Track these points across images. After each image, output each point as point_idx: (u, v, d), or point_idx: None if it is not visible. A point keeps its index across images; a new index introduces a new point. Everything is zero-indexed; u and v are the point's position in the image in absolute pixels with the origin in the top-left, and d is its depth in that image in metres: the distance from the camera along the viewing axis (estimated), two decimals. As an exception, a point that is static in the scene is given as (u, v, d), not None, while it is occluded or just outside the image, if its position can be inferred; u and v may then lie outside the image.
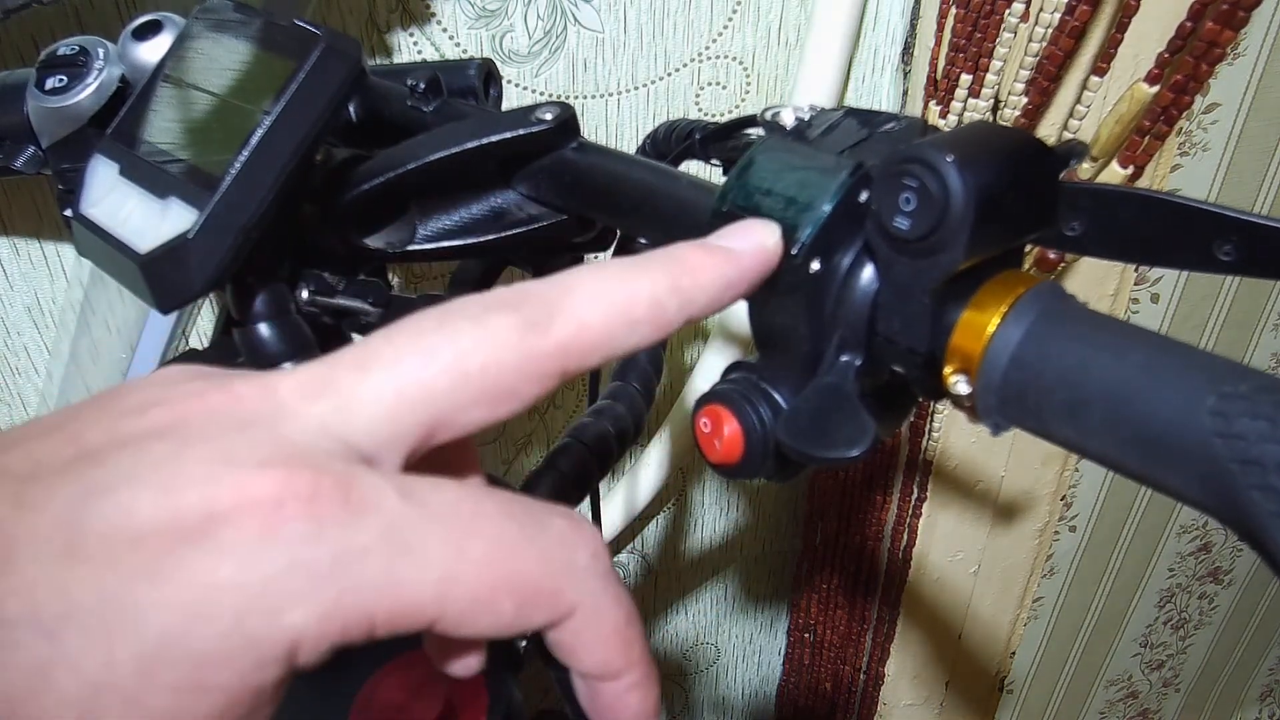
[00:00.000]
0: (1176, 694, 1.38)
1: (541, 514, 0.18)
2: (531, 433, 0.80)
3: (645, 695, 0.19)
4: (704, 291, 0.21)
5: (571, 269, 0.21)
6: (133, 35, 0.36)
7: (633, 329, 0.20)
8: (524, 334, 0.19)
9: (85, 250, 0.32)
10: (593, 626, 0.18)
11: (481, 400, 0.18)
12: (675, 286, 0.21)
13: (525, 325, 0.19)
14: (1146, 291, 0.91)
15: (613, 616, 0.18)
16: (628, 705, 0.19)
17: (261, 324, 0.33)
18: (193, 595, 0.14)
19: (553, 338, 0.19)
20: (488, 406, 0.19)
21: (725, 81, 0.69)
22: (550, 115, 0.30)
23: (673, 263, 0.21)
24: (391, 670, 0.38)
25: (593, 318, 0.20)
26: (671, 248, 0.22)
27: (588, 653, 0.19)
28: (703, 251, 0.22)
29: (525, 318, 0.19)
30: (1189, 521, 1.14)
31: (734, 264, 0.22)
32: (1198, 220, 0.23)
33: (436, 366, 0.18)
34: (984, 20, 0.61)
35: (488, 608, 0.17)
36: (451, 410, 0.18)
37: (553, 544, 0.18)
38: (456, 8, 0.60)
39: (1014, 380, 0.20)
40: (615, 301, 0.20)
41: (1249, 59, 0.78)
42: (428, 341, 0.18)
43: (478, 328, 0.19)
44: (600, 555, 0.19)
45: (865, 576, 0.91)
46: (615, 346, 0.20)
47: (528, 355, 0.19)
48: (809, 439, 0.23)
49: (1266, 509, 0.16)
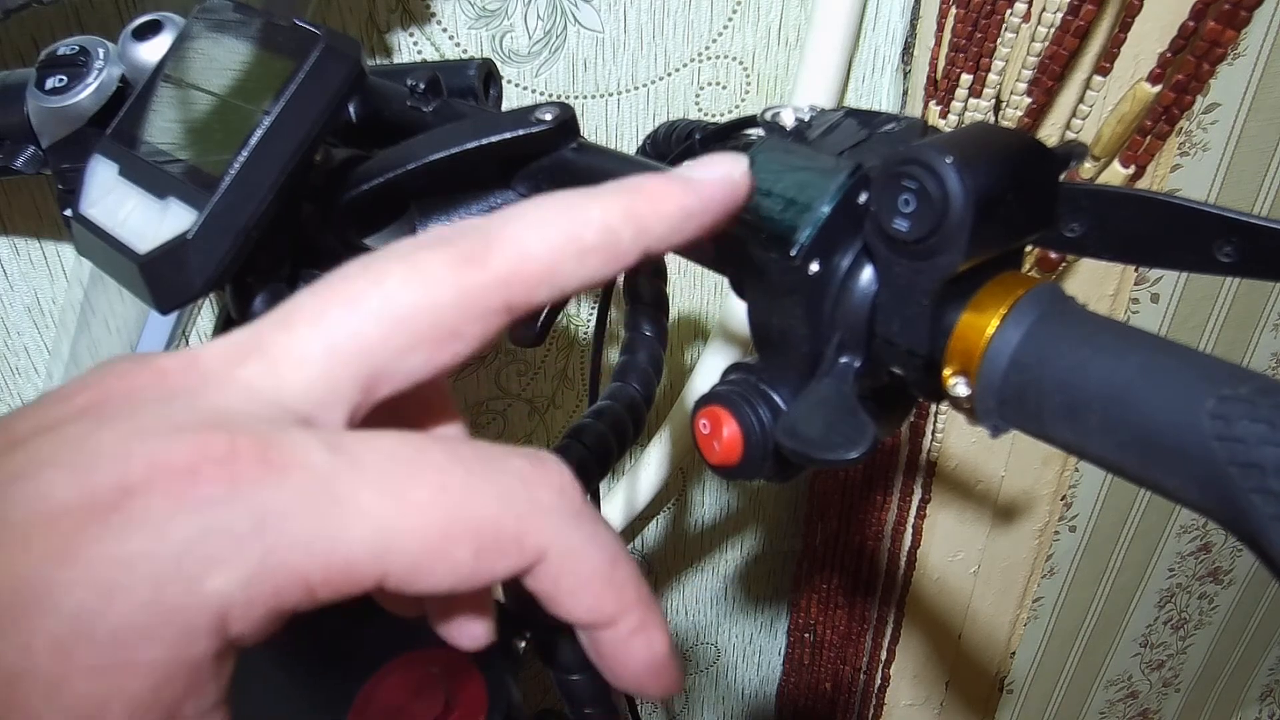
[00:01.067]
0: (1176, 694, 1.38)
1: (498, 455, 0.17)
2: (531, 433, 0.80)
3: (650, 640, 0.18)
4: (662, 219, 0.20)
5: None
6: (133, 35, 0.36)
7: (582, 259, 0.19)
8: (458, 268, 0.18)
9: (85, 250, 0.32)
10: (571, 569, 0.17)
11: (420, 344, 0.17)
12: (630, 213, 0.19)
13: (460, 259, 0.18)
14: (1146, 291, 0.91)
15: (591, 557, 0.17)
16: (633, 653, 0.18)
17: (261, 324, 0.33)
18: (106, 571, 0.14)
19: (491, 269, 0.18)
20: (428, 350, 0.18)
21: (725, 81, 0.69)
22: (550, 115, 0.30)
23: (627, 189, 0.20)
24: (391, 670, 0.38)
25: (536, 247, 0.18)
26: (629, 177, 0.20)
27: (572, 599, 0.17)
28: (662, 178, 0.20)
29: (460, 251, 0.18)
30: (1189, 522, 1.14)
31: (695, 192, 0.20)
32: (1198, 221, 0.23)
33: (364, 313, 0.17)
34: (984, 20, 0.61)
35: (441, 557, 0.16)
36: (388, 358, 0.17)
37: (511, 482, 0.17)
38: (456, 8, 0.60)
39: (1013, 382, 0.20)
40: (561, 228, 0.18)
41: (1249, 59, 0.78)
42: (354, 288, 0.17)
43: (407, 267, 0.18)
44: (568, 492, 0.17)
45: (865, 576, 0.91)
46: (564, 278, 0.19)
47: (465, 290, 0.18)
48: (808, 440, 0.23)
49: (1266, 512, 0.16)
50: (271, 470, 0.15)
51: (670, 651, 0.18)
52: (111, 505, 0.14)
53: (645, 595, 0.18)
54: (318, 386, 0.17)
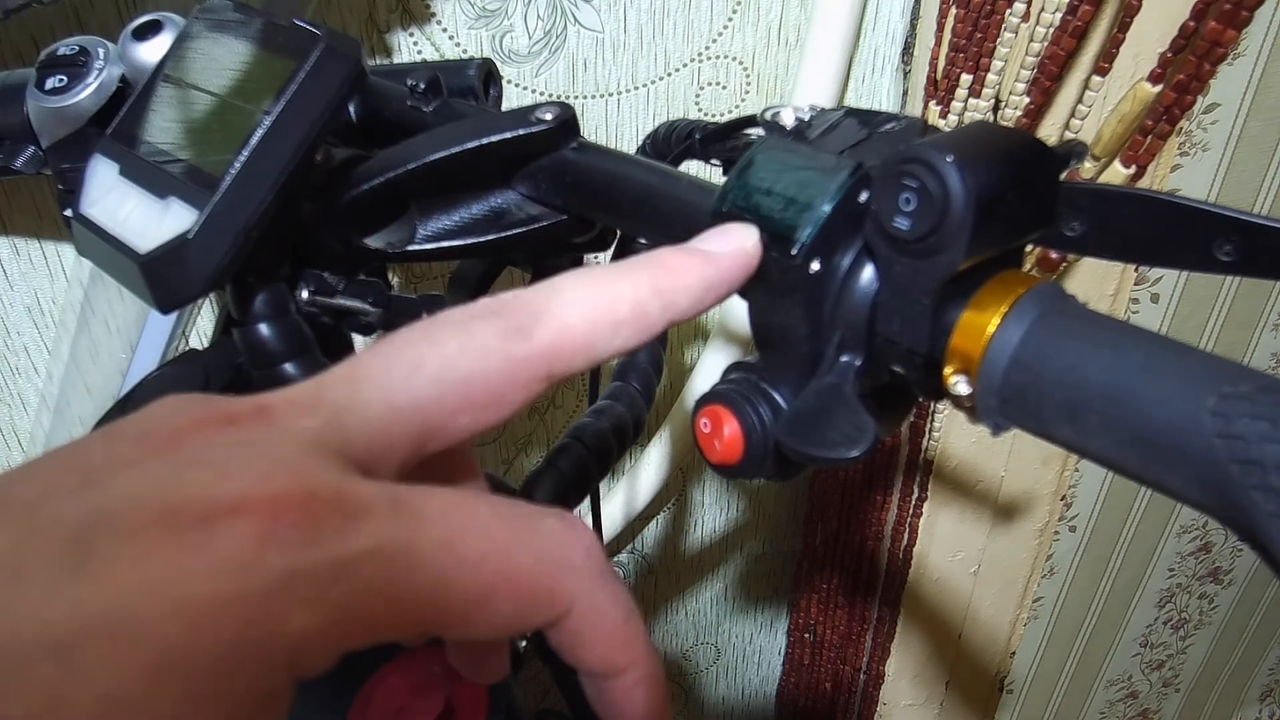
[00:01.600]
0: (1176, 694, 1.38)
1: (535, 515, 0.19)
2: (531, 433, 0.80)
3: (651, 691, 0.20)
4: (686, 293, 0.22)
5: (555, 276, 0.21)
6: (133, 35, 0.36)
7: (616, 331, 0.21)
8: (508, 340, 0.19)
9: (85, 250, 0.32)
10: (591, 624, 0.18)
11: (469, 407, 0.19)
12: (657, 288, 0.21)
13: (509, 331, 0.19)
14: (1146, 291, 0.91)
15: (610, 613, 0.19)
16: (635, 702, 0.19)
17: (261, 324, 0.33)
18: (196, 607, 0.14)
19: (536, 342, 0.20)
20: (476, 413, 0.19)
21: (725, 81, 0.69)
22: (550, 115, 0.30)
23: (653, 265, 0.22)
24: (391, 670, 0.38)
25: (575, 321, 0.20)
26: (652, 252, 0.22)
27: (589, 650, 0.19)
28: (683, 254, 0.22)
29: (509, 324, 0.20)
30: (1189, 521, 1.14)
31: (714, 265, 0.22)
32: (1198, 220, 0.23)
33: (424, 376, 0.19)
34: (984, 20, 0.61)
35: (485, 608, 0.17)
36: (440, 418, 0.19)
37: (546, 544, 0.18)
38: (456, 8, 0.60)
39: (1014, 381, 0.20)
40: (598, 305, 0.20)
41: (1249, 59, 0.78)
42: (415, 352, 0.19)
43: (462, 336, 0.19)
44: (594, 553, 0.19)
45: (865, 576, 0.91)
46: (599, 349, 0.21)
47: (512, 361, 0.19)
48: (809, 439, 0.23)
49: (1266, 509, 0.16)
50: (347, 517, 0.16)
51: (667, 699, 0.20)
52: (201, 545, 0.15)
53: (651, 649, 0.20)
54: (376, 441, 0.18)
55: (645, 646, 0.19)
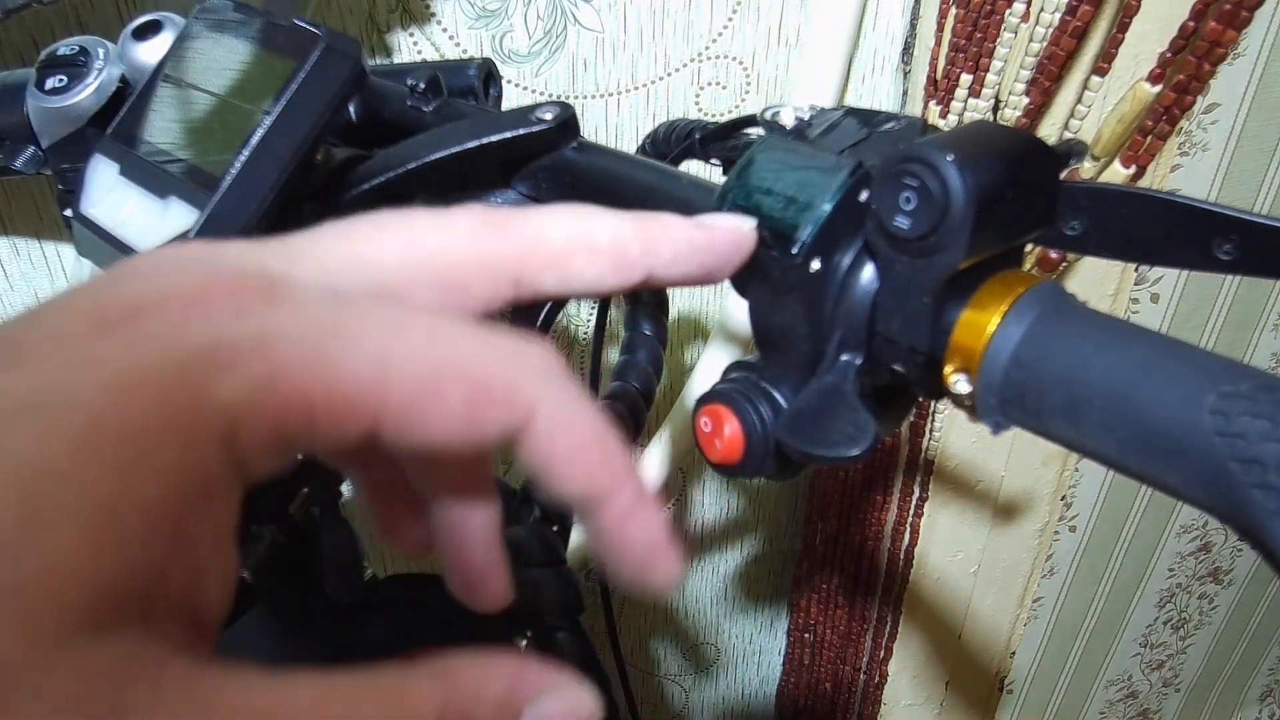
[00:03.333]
0: (1176, 694, 1.38)
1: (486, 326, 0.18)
2: (531, 433, 0.80)
3: (647, 518, 0.18)
4: (669, 245, 0.22)
5: None
6: (133, 35, 0.36)
7: (591, 257, 0.21)
8: (480, 230, 0.20)
9: (85, 250, 0.32)
10: (562, 432, 0.17)
11: (429, 283, 0.19)
12: (641, 231, 0.21)
13: (483, 224, 0.20)
14: (1146, 291, 0.91)
15: (581, 421, 0.18)
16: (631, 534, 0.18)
17: (262, 324, 0.33)
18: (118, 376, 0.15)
19: (509, 239, 0.20)
20: (437, 291, 0.19)
21: (725, 81, 0.69)
22: (550, 115, 0.30)
23: (643, 214, 0.22)
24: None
25: (552, 233, 0.20)
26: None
27: (568, 465, 0.17)
28: (675, 215, 0.23)
29: (484, 218, 0.20)
30: (1189, 521, 1.14)
31: (704, 231, 0.22)
32: (1198, 220, 0.23)
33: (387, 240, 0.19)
34: (984, 20, 0.61)
35: (435, 397, 0.16)
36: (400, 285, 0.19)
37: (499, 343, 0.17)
38: (456, 8, 0.60)
39: (1014, 379, 0.20)
40: (578, 226, 0.21)
41: (1249, 59, 0.78)
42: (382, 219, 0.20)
43: (435, 217, 0.20)
44: (553, 363, 0.18)
45: (865, 576, 0.91)
46: (574, 271, 0.21)
47: (481, 249, 0.20)
48: (809, 438, 0.23)
49: (1267, 507, 0.16)
50: (279, 300, 0.17)
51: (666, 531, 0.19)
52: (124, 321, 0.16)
53: (636, 470, 0.19)
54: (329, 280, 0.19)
55: (629, 468, 0.18)
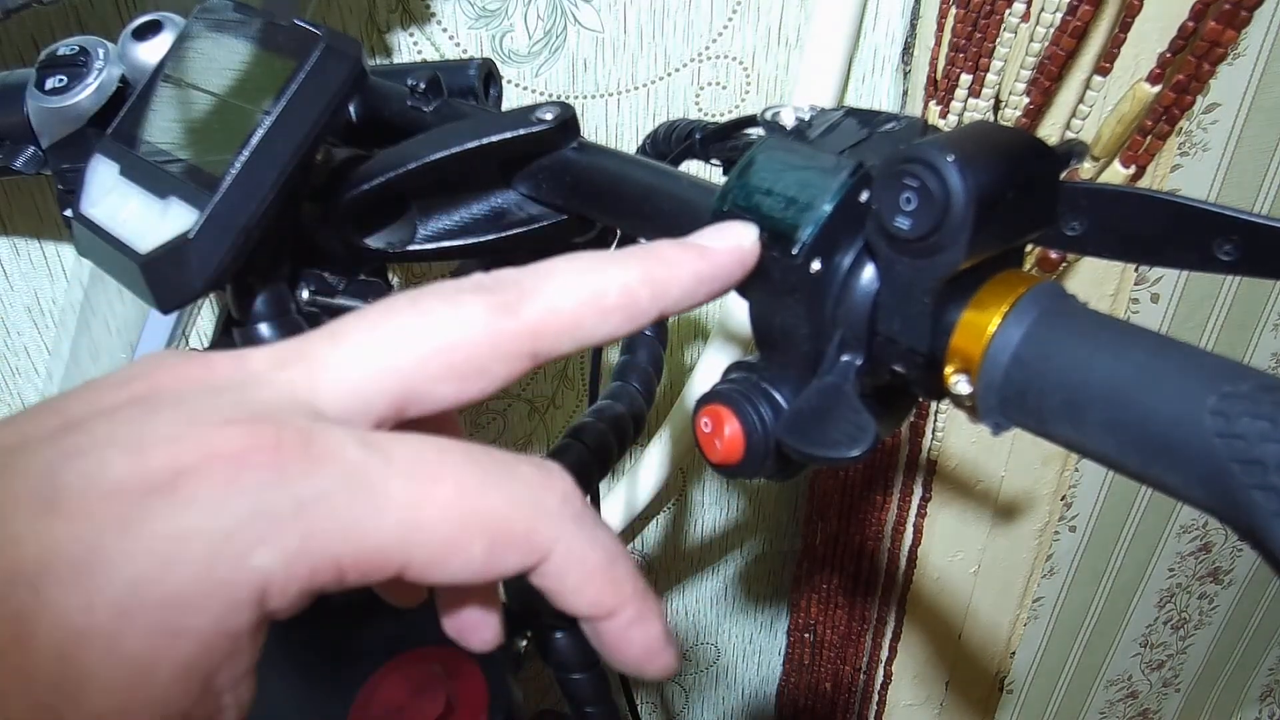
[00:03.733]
0: (1176, 694, 1.38)
1: (509, 461, 0.19)
2: (531, 433, 0.80)
3: (647, 629, 0.19)
4: (677, 283, 0.22)
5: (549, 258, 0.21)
6: (133, 35, 0.36)
7: (604, 316, 0.21)
8: (494, 314, 0.20)
9: (85, 250, 0.32)
10: (574, 567, 0.18)
11: (450, 376, 0.19)
12: (648, 277, 0.21)
13: (496, 306, 0.20)
14: (1146, 291, 0.91)
15: (592, 556, 0.19)
16: (632, 641, 0.19)
17: (262, 324, 0.33)
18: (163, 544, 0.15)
19: (522, 320, 0.20)
20: (457, 383, 0.19)
21: (725, 81, 0.69)
22: (550, 115, 0.30)
23: (647, 255, 0.22)
24: (391, 669, 0.38)
25: (564, 303, 0.20)
26: (648, 244, 0.22)
27: (575, 594, 0.19)
28: (678, 246, 0.22)
29: (497, 300, 0.20)
30: (1189, 521, 1.14)
31: (708, 259, 0.22)
32: (1198, 220, 0.23)
33: (405, 340, 0.19)
34: (984, 20, 0.61)
35: (457, 549, 0.17)
36: (420, 384, 0.19)
37: (520, 486, 0.18)
38: (456, 8, 0.60)
39: (1015, 380, 0.20)
40: (587, 288, 0.21)
41: (1249, 59, 0.78)
42: (400, 317, 0.19)
43: (449, 306, 0.19)
44: (571, 498, 0.19)
45: (865, 576, 0.91)
46: (586, 333, 0.21)
47: (497, 335, 0.19)
48: (810, 439, 0.23)
49: (1267, 508, 0.16)
50: (313, 460, 0.16)
51: (666, 637, 0.20)
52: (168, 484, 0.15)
53: (642, 589, 0.20)
54: (352, 398, 0.18)
55: (635, 587, 0.19)
